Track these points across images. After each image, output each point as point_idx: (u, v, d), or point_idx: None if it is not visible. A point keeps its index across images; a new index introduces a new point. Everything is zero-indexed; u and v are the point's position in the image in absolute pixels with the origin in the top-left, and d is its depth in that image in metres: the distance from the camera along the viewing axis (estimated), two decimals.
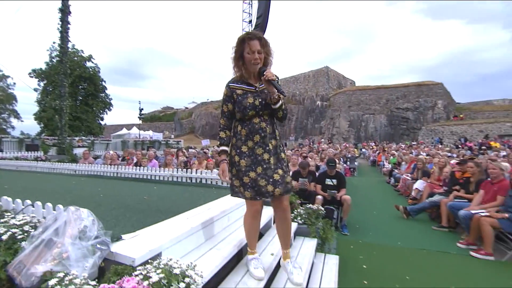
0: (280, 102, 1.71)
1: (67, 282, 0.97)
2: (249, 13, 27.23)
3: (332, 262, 2.81)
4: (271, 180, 1.70)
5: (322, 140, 30.54)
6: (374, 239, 4.24)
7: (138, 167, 4.35)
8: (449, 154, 12.53)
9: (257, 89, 1.79)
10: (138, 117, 25.69)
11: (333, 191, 4.44)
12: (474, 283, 2.99)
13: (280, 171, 1.74)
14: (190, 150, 8.90)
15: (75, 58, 26.22)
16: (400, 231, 4.66)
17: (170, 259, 1.09)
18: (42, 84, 27.16)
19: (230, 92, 1.82)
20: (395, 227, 4.88)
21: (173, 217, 1.93)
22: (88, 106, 27.78)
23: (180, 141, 23.33)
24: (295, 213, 3.10)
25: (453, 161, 6.66)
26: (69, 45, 13.78)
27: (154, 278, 0.98)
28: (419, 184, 6.57)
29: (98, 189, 3.37)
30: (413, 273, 3.16)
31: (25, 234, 1.39)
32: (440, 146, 20.37)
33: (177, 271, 1.03)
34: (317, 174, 5.27)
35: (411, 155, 10.23)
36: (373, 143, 26.42)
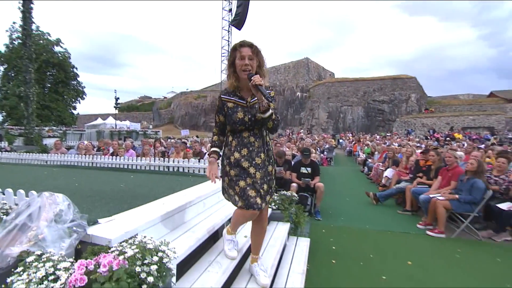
0: (270, 111, 1.64)
1: (45, 259, 1.04)
2: (229, 1, 26.67)
3: (303, 244, 3.01)
4: (259, 193, 1.72)
5: (302, 131, 31.14)
6: (344, 223, 4.54)
7: (115, 157, 4.29)
8: (418, 144, 13.39)
9: (248, 104, 1.75)
10: (114, 107, 24.65)
11: (307, 179, 4.67)
12: (427, 257, 3.35)
13: (265, 186, 1.76)
14: (168, 140, 8.80)
15: (41, 42, 24.30)
16: (369, 216, 5.01)
17: (145, 237, 1.18)
18: (1, 68, 24.93)
19: (221, 104, 1.81)
20: (365, 212, 5.23)
21: (149, 203, 2.00)
22: (58, 94, 25.94)
23: (159, 131, 22.79)
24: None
25: (418, 151, 7.16)
26: (33, 26, 12.80)
27: (129, 253, 1.06)
28: (389, 172, 7.01)
29: (72, 179, 3.32)
30: (377, 252, 3.47)
31: None
32: (410, 137, 21.57)
33: (150, 246, 1.12)
34: (293, 163, 5.47)
35: (383, 145, 10.78)
36: (350, 134, 27.39)
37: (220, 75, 39.33)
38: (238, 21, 26.73)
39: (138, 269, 1.02)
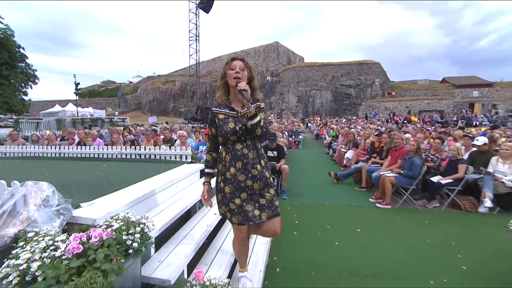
0: (258, 117, 1.66)
1: (43, 234, 1.24)
2: None
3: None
4: (257, 204, 1.74)
5: (271, 115, 31.65)
6: (307, 200, 5.04)
7: (83, 147, 4.27)
8: (378, 128, 14.52)
9: (238, 114, 1.78)
10: (74, 92, 22.90)
11: (273, 162, 5.05)
12: (373, 225, 3.95)
13: (268, 196, 1.77)
14: (138, 128, 8.66)
15: None
16: (329, 193, 5.58)
17: (127, 213, 1.42)
18: None
19: (212, 117, 1.84)
20: (326, 190, 5.80)
21: (125, 188, 2.19)
22: (3, 78, 23.00)
23: (126, 118, 21.81)
24: None
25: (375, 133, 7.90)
26: None
27: (116, 226, 1.30)
28: (349, 154, 7.69)
29: (41, 170, 3.32)
30: (333, 223, 3.99)
31: None
32: (373, 120, 23.06)
33: (133, 219, 1.37)
34: None
35: (346, 129, 11.57)
36: (319, 118, 28.51)
37: (189, 60, 38.08)
38: (206, 4, 25.76)
39: (124, 237, 1.26)
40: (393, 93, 38.78)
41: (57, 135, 7.56)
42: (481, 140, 5.15)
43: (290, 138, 12.00)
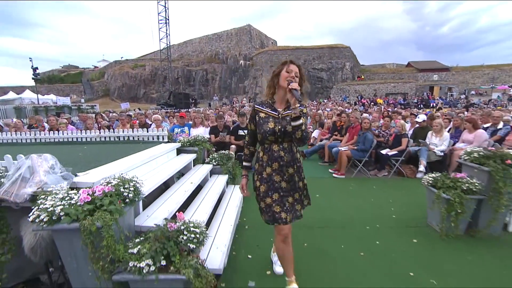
0: (301, 120, 1.64)
1: (58, 189, 1.61)
2: None
3: (239, 189, 3.91)
4: (285, 207, 1.82)
5: (244, 99, 31.88)
6: None
7: (60, 132, 4.40)
8: (346, 110, 15.51)
9: (279, 115, 1.80)
10: (33, 78, 21.30)
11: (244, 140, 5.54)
12: (331, 191, 4.63)
13: (290, 199, 1.85)
14: (111, 114, 8.64)
15: None
16: None
17: (121, 174, 1.82)
18: None
19: (254, 113, 1.89)
20: None
21: (112, 162, 2.55)
22: None
23: (95, 105, 20.89)
24: (211, 157, 4.05)
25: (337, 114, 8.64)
26: None
27: (114, 182, 1.70)
28: (315, 133, 8.39)
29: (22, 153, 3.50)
30: None
31: None
32: (343, 103, 24.27)
33: (127, 177, 1.78)
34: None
35: (313, 110, 12.31)
36: None
37: (159, 44, 36.52)
38: None
39: (122, 190, 1.68)
40: (363, 77, 40.46)
41: (24, 123, 7.37)
42: (421, 118, 6.02)
43: None
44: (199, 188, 3.38)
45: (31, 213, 1.51)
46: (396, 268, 2.47)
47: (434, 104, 27.35)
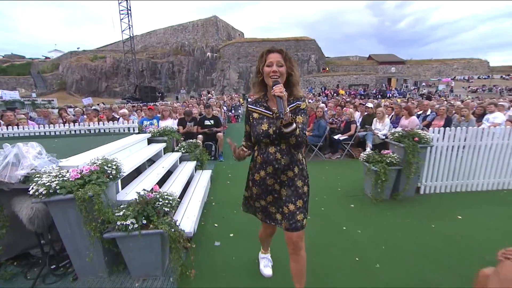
0: (293, 126, 1.45)
1: (51, 169, 1.94)
2: None
3: (206, 173, 4.36)
4: (280, 209, 1.69)
5: (212, 92, 31.86)
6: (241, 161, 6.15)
7: (25, 127, 4.43)
8: (310, 100, 16.50)
9: (274, 115, 1.56)
10: None
11: (211, 129, 5.98)
12: None
13: (291, 206, 1.64)
14: (76, 109, 8.47)
15: None
16: None
17: (104, 156, 2.18)
18: None
19: (248, 114, 1.75)
20: None
21: (89, 150, 2.85)
22: None
23: (53, 100, 19.51)
24: (180, 145, 4.44)
25: None
26: None
27: (98, 162, 2.07)
28: None
29: None
30: None
31: None
32: (309, 94, 25.42)
33: (109, 158, 2.15)
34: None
35: None
36: None
37: (122, 35, 34.66)
38: None
39: (106, 168, 2.06)
40: (327, 69, 42.23)
41: None
42: (368, 106, 6.90)
43: (230, 113, 12.94)
44: (169, 173, 3.77)
45: (30, 188, 1.83)
46: (333, 225, 3.13)
47: (390, 95, 29.86)
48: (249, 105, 1.77)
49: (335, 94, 26.56)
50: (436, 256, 2.51)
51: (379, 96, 28.07)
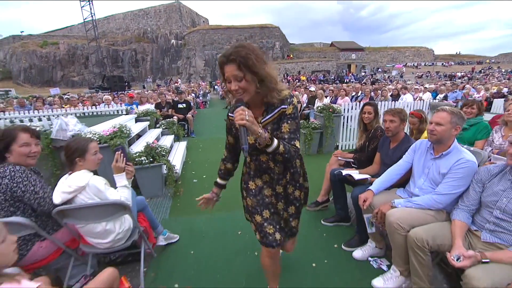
0: (274, 146, 1.22)
1: (87, 132, 3.14)
2: None
3: (182, 145, 5.64)
4: (278, 226, 1.51)
5: (179, 80, 32.02)
6: (208, 136, 7.46)
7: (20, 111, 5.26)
8: None
9: (260, 122, 1.34)
10: None
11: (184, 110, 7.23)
12: None
13: (285, 214, 1.55)
14: (49, 98, 9.00)
15: None
16: (223, 131, 8.16)
17: (119, 123, 3.41)
18: None
19: (229, 124, 1.53)
20: (222, 131, 8.34)
21: (96, 125, 4.00)
22: None
23: (11, 90, 18.66)
24: (160, 123, 5.66)
25: None
26: None
27: (117, 126, 3.30)
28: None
29: None
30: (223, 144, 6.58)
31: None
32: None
33: (124, 124, 3.39)
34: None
35: None
36: None
37: (84, 24, 32.39)
38: None
39: (123, 129, 3.30)
40: (291, 56, 43.68)
41: None
42: (311, 89, 8.55)
43: (198, 99, 14.02)
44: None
45: None
46: None
47: (347, 80, 32.57)
48: (229, 114, 1.49)
49: (296, 80, 28.43)
50: None
51: (337, 82, 30.48)
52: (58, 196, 1.68)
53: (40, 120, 4.54)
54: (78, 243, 1.93)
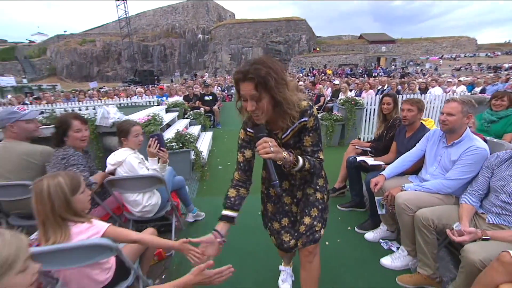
0: (300, 164, 1.21)
1: (129, 118, 3.54)
2: None
3: (209, 134, 5.98)
4: (296, 234, 1.45)
5: (206, 74, 32.76)
6: (233, 128, 7.76)
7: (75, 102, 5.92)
8: (297, 80, 17.95)
9: (279, 140, 1.29)
10: None
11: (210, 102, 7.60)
12: None
13: (307, 220, 1.40)
14: (89, 91, 9.87)
15: None
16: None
17: (153, 113, 3.78)
18: None
19: (247, 137, 1.38)
20: None
21: (133, 113, 4.42)
22: None
23: (57, 85, 20.51)
24: (188, 114, 6.04)
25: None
26: None
27: (151, 115, 3.68)
28: None
29: None
30: None
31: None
32: (299, 75, 26.72)
33: (156, 113, 3.76)
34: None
35: None
36: None
37: (119, 23, 34.21)
38: None
39: (156, 118, 3.66)
40: (318, 49, 42.51)
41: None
42: (335, 82, 8.50)
43: (223, 92, 14.45)
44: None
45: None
46: None
47: (376, 74, 31.24)
48: (248, 129, 1.36)
49: (322, 74, 27.90)
50: None
51: (365, 75, 29.35)
52: (108, 166, 2.08)
53: (87, 109, 5.09)
54: (121, 211, 2.29)
